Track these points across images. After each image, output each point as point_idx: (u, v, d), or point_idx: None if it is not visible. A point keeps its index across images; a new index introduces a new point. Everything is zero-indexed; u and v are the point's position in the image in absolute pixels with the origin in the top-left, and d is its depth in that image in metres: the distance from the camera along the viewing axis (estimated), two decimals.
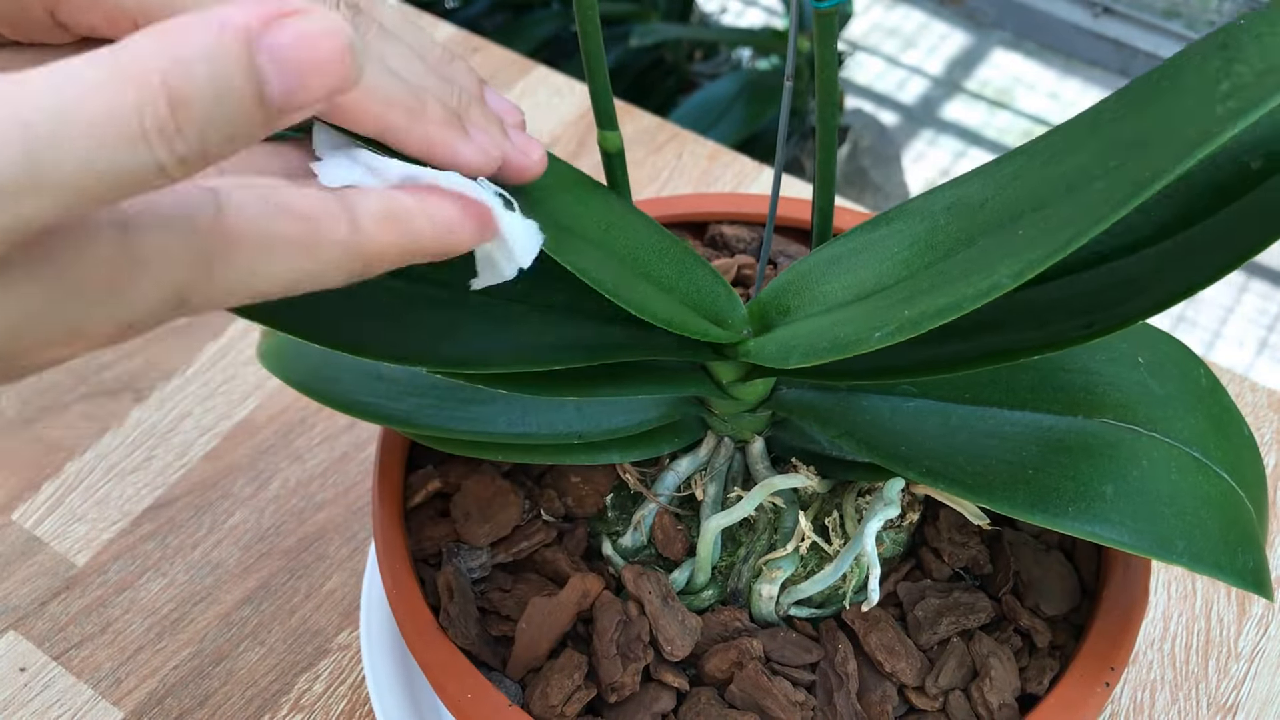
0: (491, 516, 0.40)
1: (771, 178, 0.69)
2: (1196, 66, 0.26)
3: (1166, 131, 0.25)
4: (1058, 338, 0.31)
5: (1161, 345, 0.38)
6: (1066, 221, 0.25)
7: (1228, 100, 0.24)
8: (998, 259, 0.27)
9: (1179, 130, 0.24)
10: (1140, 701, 0.49)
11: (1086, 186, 0.27)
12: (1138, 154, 0.26)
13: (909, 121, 1.75)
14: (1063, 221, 0.26)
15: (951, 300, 0.26)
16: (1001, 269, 0.26)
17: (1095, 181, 0.26)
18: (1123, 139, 0.27)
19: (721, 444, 0.40)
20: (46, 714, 0.49)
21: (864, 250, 0.34)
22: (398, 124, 0.27)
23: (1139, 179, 0.24)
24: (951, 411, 0.36)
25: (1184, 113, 0.25)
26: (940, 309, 0.27)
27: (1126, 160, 0.26)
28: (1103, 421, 0.35)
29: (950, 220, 0.32)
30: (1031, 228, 0.27)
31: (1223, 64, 0.25)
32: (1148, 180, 0.23)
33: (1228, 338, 1.47)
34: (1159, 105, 0.27)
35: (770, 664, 0.37)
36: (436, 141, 0.28)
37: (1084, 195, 0.26)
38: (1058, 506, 0.32)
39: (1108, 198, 0.24)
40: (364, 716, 0.49)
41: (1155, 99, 0.27)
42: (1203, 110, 0.24)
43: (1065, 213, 0.26)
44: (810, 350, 0.31)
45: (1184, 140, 0.24)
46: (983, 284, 0.26)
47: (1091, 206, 0.25)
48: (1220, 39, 0.26)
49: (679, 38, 1.41)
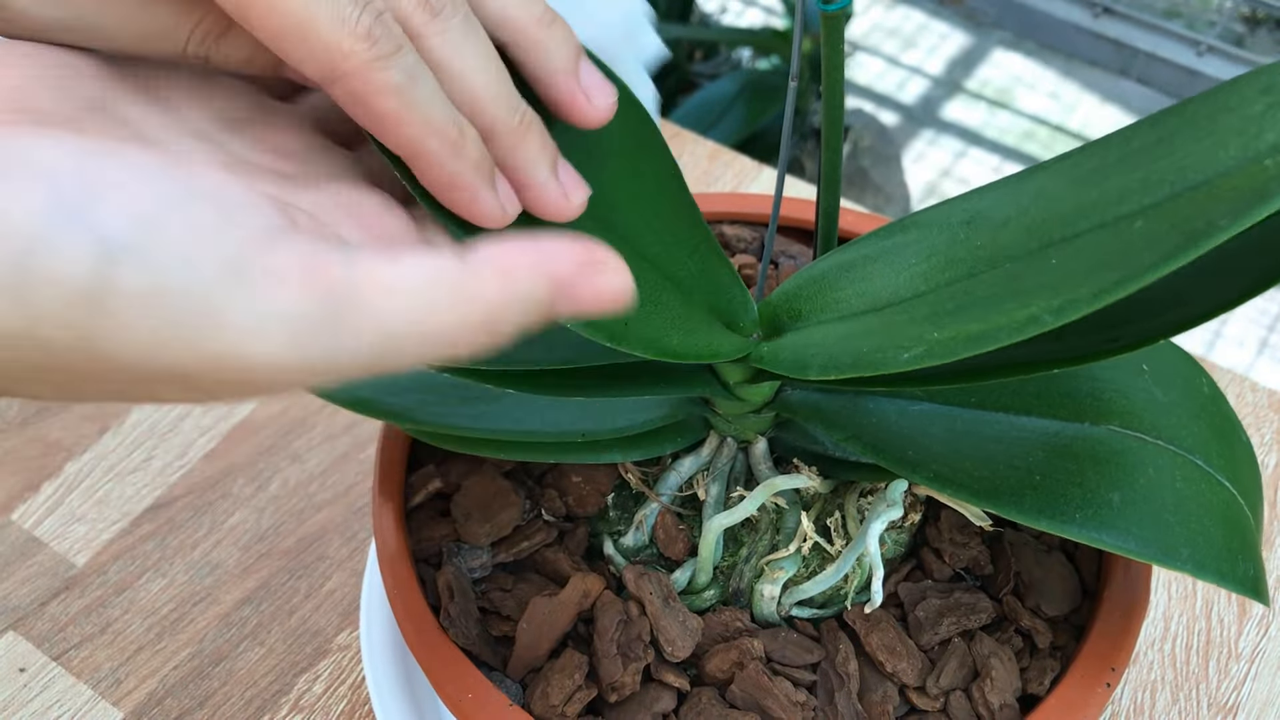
0: (492, 516, 0.40)
1: (773, 177, 0.69)
2: (1236, 108, 0.26)
3: (1209, 177, 0.25)
4: (1079, 351, 0.30)
5: (1165, 352, 0.38)
6: (1107, 263, 0.25)
7: (1277, 154, 0.24)
8: (1032, 289, 0.26)
9: (1226, 179, 0.24)
10: (1141, 702, 0.49)
11: (1125, 223, 0.26)
12: (1178, 197, 0.25)
13: (909, 121, 1.75)
14: (1103, 261, 0.25)
15: (986, 329, 0.26)
16: (1039, 302, 0.25)
17: (1134, 219, 0.26)
18: (1157, 175, 0.27)
19: (724, 444, 0.40)
20: (46, 714, 0.49)
21: (878, 259, 0.34)
22: (430, 152, 0.26)
23: (1189, 230, 0.23)
24: (958, 416, 0.35)
25: (1227, 160, 0.25)
26: (974, 336, 0.26)
27: (1165, 201, 0.26)
28: (1109, 428, 0.35)
29: (970, 235, 0.32)
30: (1067, 260, 0.27)
31: (1266, 110, 0.25)
32: (1200, 234, 0.23)
33: (1228, 338, 1.47)
34: (1196, 145, 0.26)
35: (771, 664, 0.37)
36: (461, 184, 0.27)
37: (1124, 234, 0.26)
38: (1065, 513, 0.32)
39: (1154, 244, 0.24)
40: (364, 716, 0.49)
41: (1192, 136, 0.27)
42: (1248, 160, 0.24)
43: (1106, 251, 0.26)
44: (831, 363, 0.30)
45: (1237, 195, 0.23)
46: (1019, 315, 0.25)
47: (1137, 249, 0.24)
48: (1263, 81, 0.26)
49: (679, 38, 1.41)
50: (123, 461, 0.57)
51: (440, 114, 0.26)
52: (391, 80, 0.25)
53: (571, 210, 0.29)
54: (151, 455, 0.57)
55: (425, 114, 0.26)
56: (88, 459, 0.57)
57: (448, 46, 0.27)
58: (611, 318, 0.30)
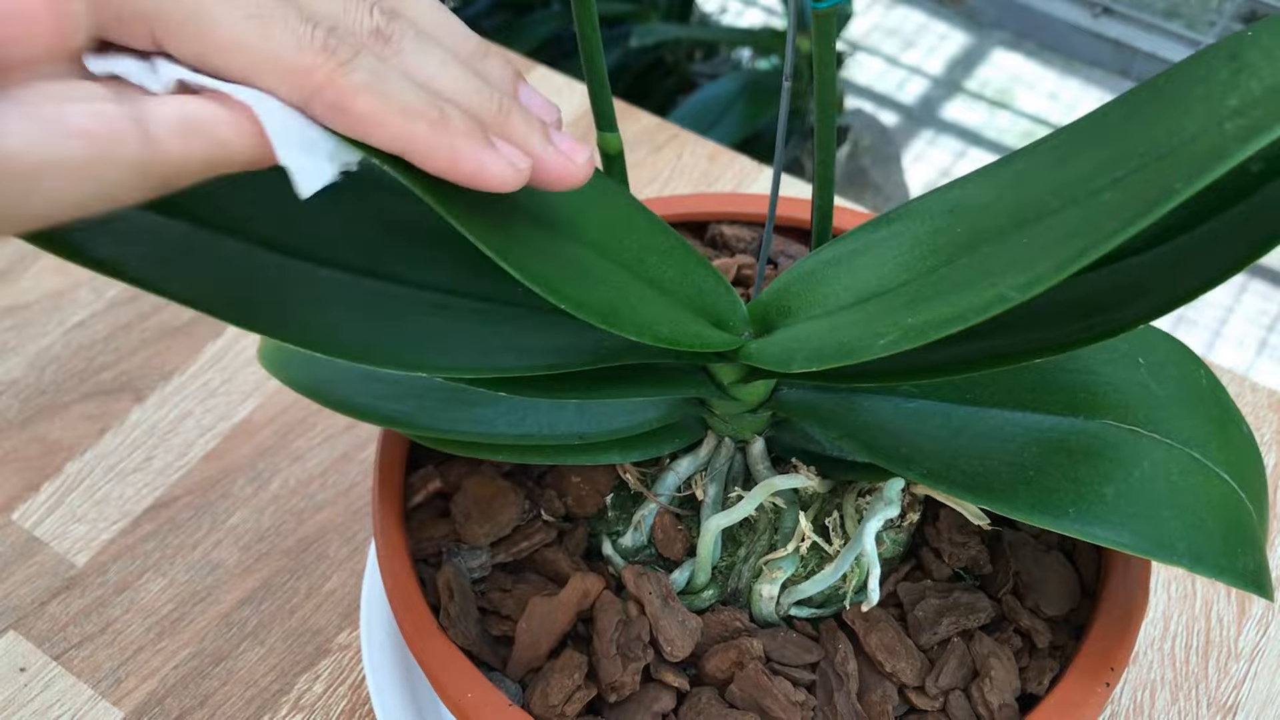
0: (492, 516, 0.40)
1: (771, 177, 0.69)
2: (1203, 77, 0.26)
3: (1174, 145, 0.25)
4: (1059, 340, 0.30)
5: (1162, 346, 0.38)
6: (1072, 234, 0.25)
7: (1237, 117, 0.23)
8: (1001, 268, 0.26)
9: (1188, 146, 0.24)
10: (1140, 701, 0.49)
11: (1093, 198, 0.26)
12: (1145, 167, 0.25)
13: (909, 121, 1.75)
14: (1068, 234, 0.25)
15: (956, 311, 0.26)
16: (1006, 280, 0.25)
17: (1102, 193, 0.26)
18: (1127, 148, 0.27)
19: (722, 444, 0.40)
20: (46, 714, 0.49)
21: (865, 252, 0.34)
22: (419, 136, 0.26)
23: (1149, 197, 0.23)
24: (952, 412, 0.36)
25: (1192, 126, 0.25)
26: (944, 319, 0.26)
27: (1132, 172, 0.26)
28: (1104, 423, 0.35)
29: (952, 223, 0.32)
30: (1037, 237, 0.27)
31: (1230, 76, 0.25)
32: (1158, 199, 0.23)
33: (1228, 338, 1.47)
34: (1164, 115, 0.26)
35: (770, 664, 0.37)
36: (461, 154, 0.27)
37: (1091, 207, 0.26)
38: (1058, 508, 0.32)
39: (1116, 213, 0.24)
40: (364, 716, 0.49)
41: (1160, 108, 0.27)
42: (1211, 125, 0.24)
43: (1071, 225, 0.26)
44: (813, 355, 0.31)
45: (1195, 158, 0.23)
46: (987, 294, 0.26)
47: (1099, 220, 0.25)
48: (1229, 49, 0.26)
49: (679, 38, 1.41)
50: (123, 461, 0.57)
51: (415, 98, 0.26)
52: (360, 80, 0.25)
53: (578, 170, 0.29)
54: (151, 455, 0.57)
55: (401, 102, 0.26)
56: (88, 459, 0.57)
57: (407, 60, 0.27)
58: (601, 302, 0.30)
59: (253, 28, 0.25)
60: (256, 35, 0.25)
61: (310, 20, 0.25)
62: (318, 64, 0.25)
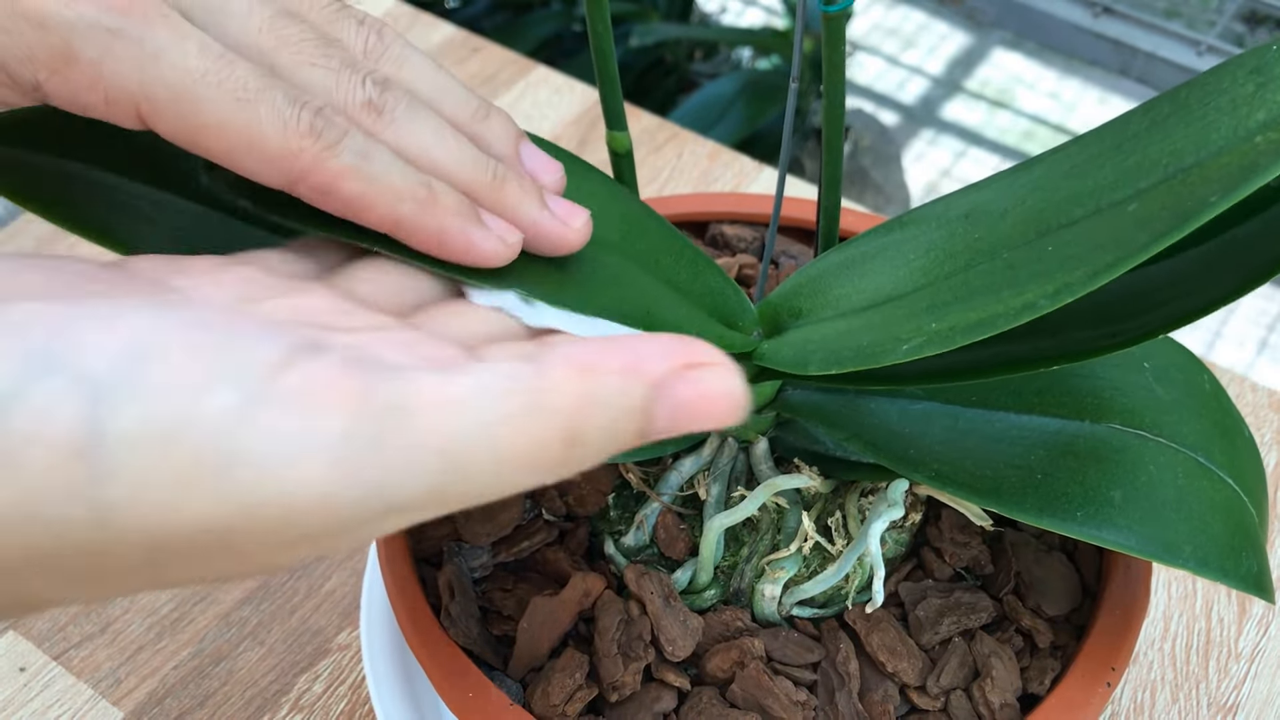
0: (493, 516, 0.40)
1: (773, 177, 0.69)
2: (1227, 90, 0.26)
3: (1201, 158, 0.25)
4: (1076, 347, 0.30)
5: (1165, 349, 0.38)
6: (1102, 244, 0.25)
7: (1268, 131, 0.23)
8: (1028, 277, 0.26)
9: (1216, 159, 0.24)
10: (1141, 702, 0.49)
11: (1119, 208, 0.26)
12: (1171, 179, 0.25)
13: (909, 121, 1.75)
14: (1097, 244, 0.25)
15: (984, 317, 0.26)
16: (1034, 288, 0.25)
17: (1128, 203, 0.26)
18: (1150, 160, 0.27)
19: (725, 444, 0.40)
20: (46, 714, 0.49)
21: (878, 255, 0.34)
22: (407, 216, 0.26)
23: (1182, 209, 0.23)
24: (959, 414, 0.35)
25: (1219, 140, 0.25)
26: (970, 325, 0.26)
27: (1158, 184, 0.26)
28: (1110, 426, 0.35)
29: (969, 229, 0.32)
30: (1062, 246, 0.27)
31: (1256, 90, 0.25)
32: (1193, 211, 0.23)
33: (1228, 338, 1.47)
34: (1188, 128, 0.26)
35: (772, 664, 0.37)
36: (450, 233, 0.26)
37: (1117, 217, 0.26)
38: (1066, 511, 0.32)
39: (1146, 224, 0.24)
40: (364, 716, 0.49)
41: (1183, 121, 0.27)
42: (1240, 139, 0.24)
43: (1099, 234, 0.26)
44: (830, 357, 0.30)
45: (1226, 171, 0.23)
46: (1015, 301, 0.25)
47: (1129, 231, 0.24)
48: (1253, 63, 0.26)
49: (679, 38, 1.41)
50: None
51: (402, 179, 0.26)
52: (346, 163, 0.25)
53: (575, 236, 0.29)
54: None
55: (388, 184, 0.26)
56: None
57: (400, 131, 0.27)
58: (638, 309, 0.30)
59: (239, 110, 0.24)
60: (242, 118, 0.24)
61: (298, 101, 0.25)
62: (303, 147, 0.25)
